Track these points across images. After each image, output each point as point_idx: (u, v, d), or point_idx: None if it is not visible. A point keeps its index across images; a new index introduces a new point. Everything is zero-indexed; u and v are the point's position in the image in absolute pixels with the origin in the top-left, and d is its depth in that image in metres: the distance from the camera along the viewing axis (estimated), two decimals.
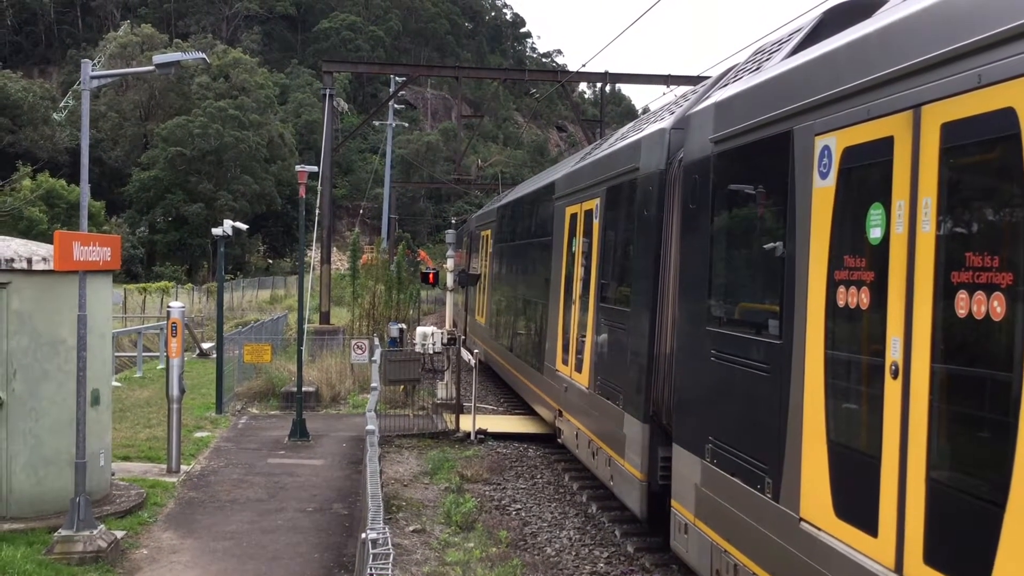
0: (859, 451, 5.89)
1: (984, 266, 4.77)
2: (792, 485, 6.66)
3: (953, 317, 4.95)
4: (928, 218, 5.22)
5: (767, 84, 7.69)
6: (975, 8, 4.98)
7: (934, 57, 5.24)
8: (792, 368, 6.75)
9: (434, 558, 11.14)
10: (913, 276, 5.31)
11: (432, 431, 18.61)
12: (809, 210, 6.59)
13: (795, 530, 6.57)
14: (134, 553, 10.99)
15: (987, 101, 4.78)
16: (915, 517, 5.20)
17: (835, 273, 6.21)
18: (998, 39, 4.69)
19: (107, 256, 11.70)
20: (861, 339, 5.97)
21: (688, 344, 9.16)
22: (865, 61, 6.04)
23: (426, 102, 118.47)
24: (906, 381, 5.33)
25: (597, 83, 40.12)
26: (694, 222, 9.15)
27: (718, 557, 8.03)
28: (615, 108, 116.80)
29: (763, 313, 7.57)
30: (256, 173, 76.16)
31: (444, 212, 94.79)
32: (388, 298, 30.84)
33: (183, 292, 47.34)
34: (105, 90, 75.42)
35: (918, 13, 5.55)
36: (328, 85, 31.85)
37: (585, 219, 14.16)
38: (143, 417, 19.51)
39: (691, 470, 8.76)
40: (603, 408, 12.34)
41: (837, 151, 6.27)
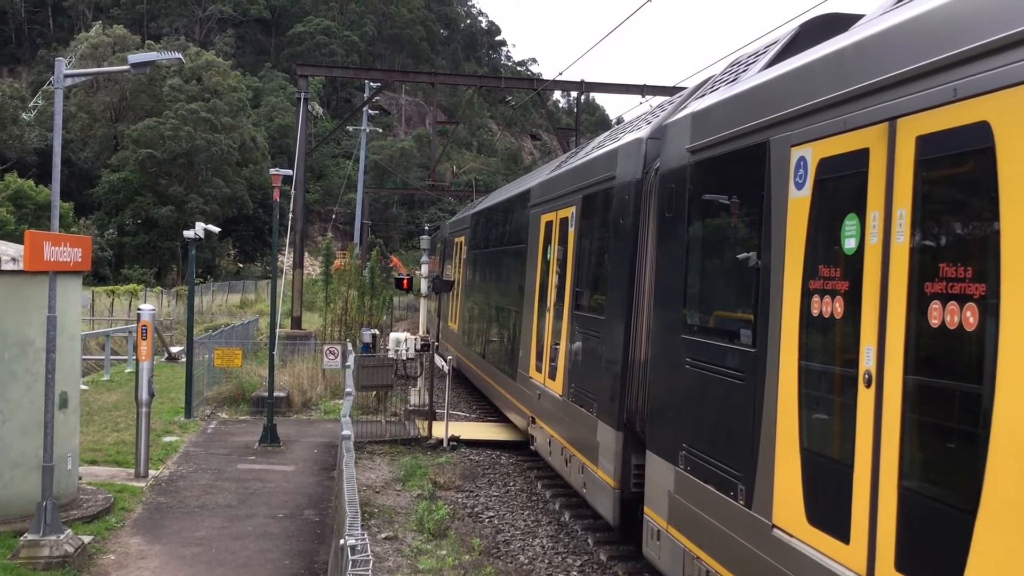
0: (832, 458, 5.91)
1: (958, 277, 4.81)
2: (765, 492, 6.69)
3: (926, 327, 5.00)
4: (902, 229, 5.26)
5: (744, 95, 7.74)
6: (950, 23, 5.03)
7: (910, 71, 5.30)
8: (766, 376, 6.79)
9: (406, 566, 11.06)
10: (887, 286, 5.35)
11: (404, 438, 18.52)
12: (785, 220, 6.64)
13: (767, 537, 6.60)
14: (101, 558, 10.82)
15: (962, 115, 4.83)
16: (887, 524, 5.23)
17: (810, 283, 6.26)
18: (973, 54, 4.74)
19: (78, 257, 11.54)
20: (835, 348, 6.00)
21: (663, 352, 9.18)
22: (841, 74, 6.10)
23: (400, 108, 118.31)
24: (879, 390, 5.38)
25: (572, 92, 40.25)
26: (670, 231, 9.21)
27: (691, 564, 8.05)
28: (589, 117, 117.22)
29: (738, 322, 7.61)
30: (227, 176, 75.63)
31: (417, 218, 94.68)
32: (361, 304, 30.69)
33: (152, 295, 46.85)
34: (75, 91, 74.66)
35: (894, 27, 5.60)
36: (302, 89, 31.69)
37: (560, 227, 14.19)
38: (111, 421, 19.26)
39: (664, 477, 8.79)
40: (577, 415, 12.32)
41: (813, 162, 6.33)
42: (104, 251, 64.80)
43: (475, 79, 46.86)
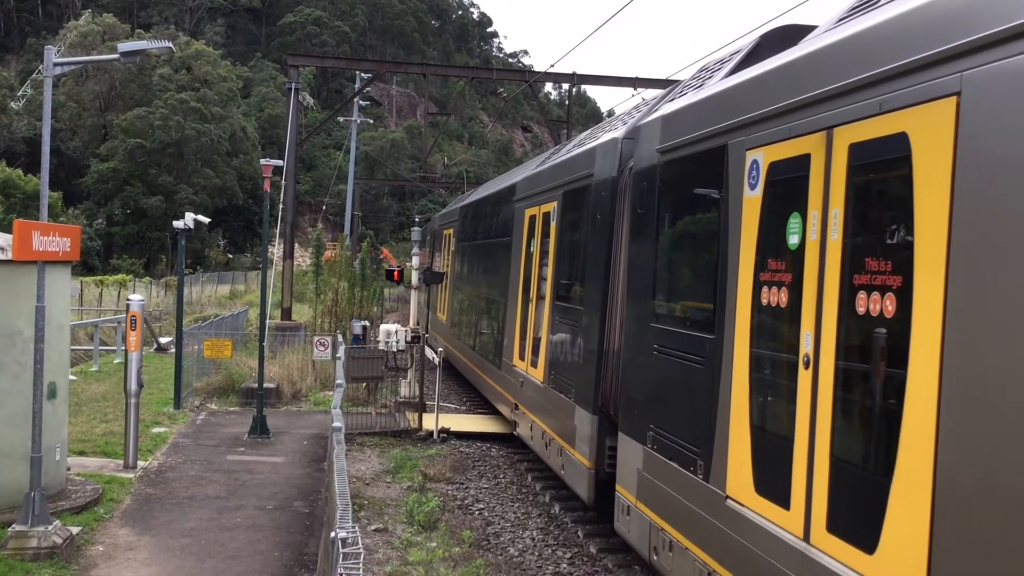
0: (776, 434, 6.55)
1: (880, 271, 5.40)
2: (720, 466, 7.34)
3: (854, 315, 5.62)
4: (836, 227, 5.89)
5: (707, 101, 8.38)
6: (877, 43, 5.60)
7: (845, 85, 5.88)
8: (722, 360, 7.44)
9: (396, 558, 11.05)
10: (823, 278, 5.97)
11: (395, 429, 18.50)
12: (740, 217, 7.28)
13: (722, 507, 7.22)
14: (90, 550, 10.78)
15: (887, 126, 5.41)
16: (820, 491, 5.84)
17: (760, 275, 6.91)
18: (895, 72, 5.33)
19: (67, 247, 11.47)
20: (780, 334, 6.61)
21: (634, 340, 9.79)
22: (787, 85, 6.70)
23: (391, 99, 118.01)
24: (815, 371, 5.99)
25: (564, 84, 40.20)
26: (642, 226, 9.81)
27: (655, 535, 8.73)
28: (581, 110, 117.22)
29: (700, 311, 8.21)
30: (217, 167, 75.34)
31: (408, 210, 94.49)
32: (351, 295, 30.61)
33: (141, 286, 46.67)
34: (64, 80, 74.20)
35: (832, 44, 6.20)
36: (293, 79, 31.54)
37: (543, 221, 14.69)
38: (99, 411, 19.18)
39: (634, 456, 9.41)
40: (556, 401, 12.90)
41: (764, 165, 6.95)
42: (93, 241, 64.52)
43: (466, 70, 46.75)
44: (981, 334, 4.61)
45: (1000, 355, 4.49)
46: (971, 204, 4.72)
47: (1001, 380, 4.47)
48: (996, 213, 4.54)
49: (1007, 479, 4.33)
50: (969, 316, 4.67)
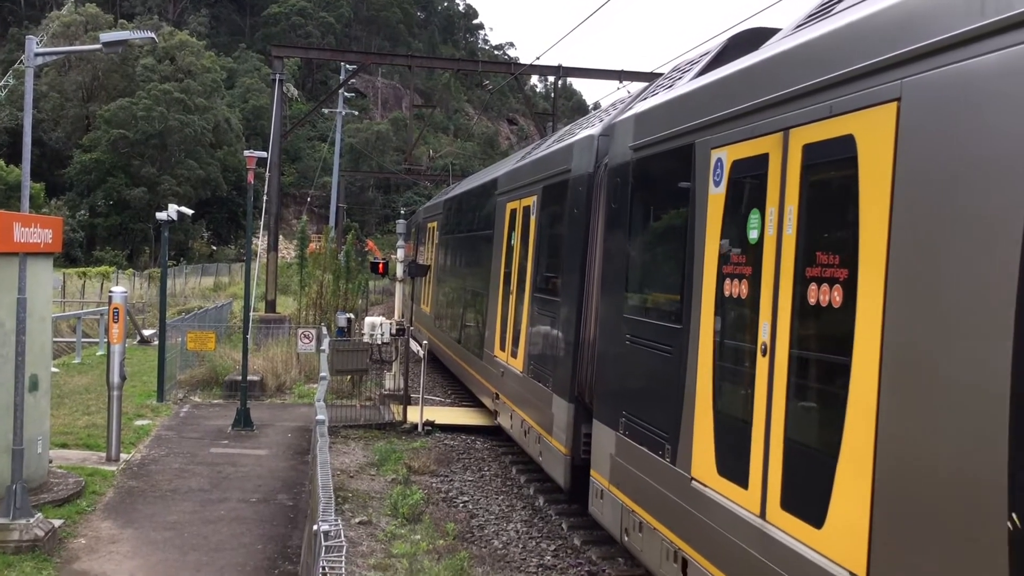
0: (736, 418, 6.95)
1: (828, 263, 5.81)
2: (686, 449, 7.76)
3: (806, 305, 6.01)
4: (791, 223, 6.28)
5: (676, 101, 8.80)
6: (828, 50, 6.00)
7: (799, 89, 6.26)
8: (688, 349, 7.85)
9: (380, 550, 11.05)
10: (779, 271, 6.36)
11: (379, 422, 18.48)
12: (705, 213, 7.68)
13: (687, 488, 7.67)
14: (72, 542, 10.74)
15: (836, 128, 5.80)
16: (775, 471, 6.26)
17: (723, 268, 7.33)
18: (844, 78, 5.70)
19: (48, 238, 11.40)
20: (740, 324, 7.04)
21: (608, 330, 10.22)
22: (749, 87, 7.09)
23: (376, 91, 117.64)
24: (772, 359, 6.37)
25: (550, 77, 40.16)
26: (615, 220, 10.24)
27: (627, 517, 9.15)
28: (566, 102, 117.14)
29: (668, 302, 8.64)
30: (201, 158, 74.96)
31: (393, 202, 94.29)
32: (336, 287, 30.53)
33: (124, 277, 46.44)
34: (47, 70, 73.67)
35: (788, 50, 6.61)
36: (277, 71, 31.42)
37: (523, 215, 15.05)
38: (82, 404, 19.09)
39: (607, 442, 9.82)
40: (535, 390, 13.29)
41: (727, 163, 7.35)
42: (75, 232, 64.13)
43: (452, 62, 46.65)
44: (915, 323, 4.95)
45: (930, 343, 4.83)
46: (908, 202, 5.07)
47: (931, 368, 4.81)
48: (929, 211, 4.91)
49: (933, 456, 4.71)
50: (905, 306, 5.02)
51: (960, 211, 4.68)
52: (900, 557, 4.86)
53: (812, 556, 5.67)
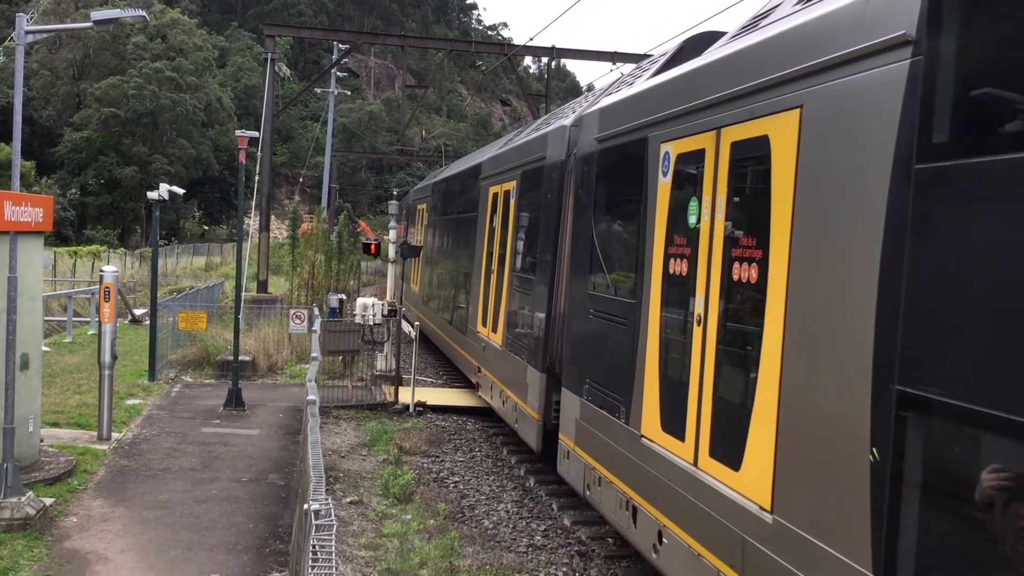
0: (677, 380, 7.93)
1: (748, 245, 6.73)
2: (637, 410, 8.73)
3: (731, 281, 6.96)
4: (720, 210, 7.23)
5: (633, 98, 9.76)
6: (750, 60, 6.94)
7: (729, 93, 7.16)
8: (640, 321, 8.83)
9: (371, 529, 11.11)
10: (711, 252, 7.33)
11: (370, 403, 18.52)
12: (655, 200, 8.63)
13: (637, 444, 8.66)
14: (63, 521, 10.77)
15: (755, 129, 6.71)
16: (705, 425, 7.25)
17: (669, 249, 8.28)
18: (762, 86, 6.61)
19: (39, 217, 11.37)
20: (681, 298, 8.01)
21: (575, 305, 11.20)
22: (691, 89, 8.05)
23: (369, 71, 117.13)
24: (704, 328, 7.37)
25: (543, 58, 40.03)
26: (582, 205, 11.26)
27: (588, 474, 10.22)
28: (560, 84, 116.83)
29: (625, 279, 9.57)
30: (193, 137, 74.59)
31: (385, 183, 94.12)
32: (328, 268, 30.53)
33: (115, 256, 46.31)
34: (38, 47, 73.08)
35: (720, 59, 7.63)
36: (269, 50, 31.25)
37: (504, 198, 16.00)
38: (73, 383, 19.08)
39: (573, 407, 10.84)
40: (511, 362, 14.33)
41: (673, 156, 8.31)
42: (66, 211, 63.82)
43: (445, 43, 46.45)
44: (808, 296, 5.90)
45: (818, 313, 5.79)
46: (806, 194, 6.02)
47: (818, 333, 5.79)
48: (820, 201, 5.85)
49: (818, 407, 5.72)
50: (801, 282, 5.98)
51: (841, 202, 5.62)
52: (795, 490, 5.91)
53: (731, 495, 6.69)
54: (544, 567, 10.36)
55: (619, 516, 9.21)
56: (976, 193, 4.66)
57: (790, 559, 5.85)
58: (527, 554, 10.74)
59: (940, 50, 4.93)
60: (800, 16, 6.52)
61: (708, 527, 7.06)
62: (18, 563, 9.38)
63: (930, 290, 4.80)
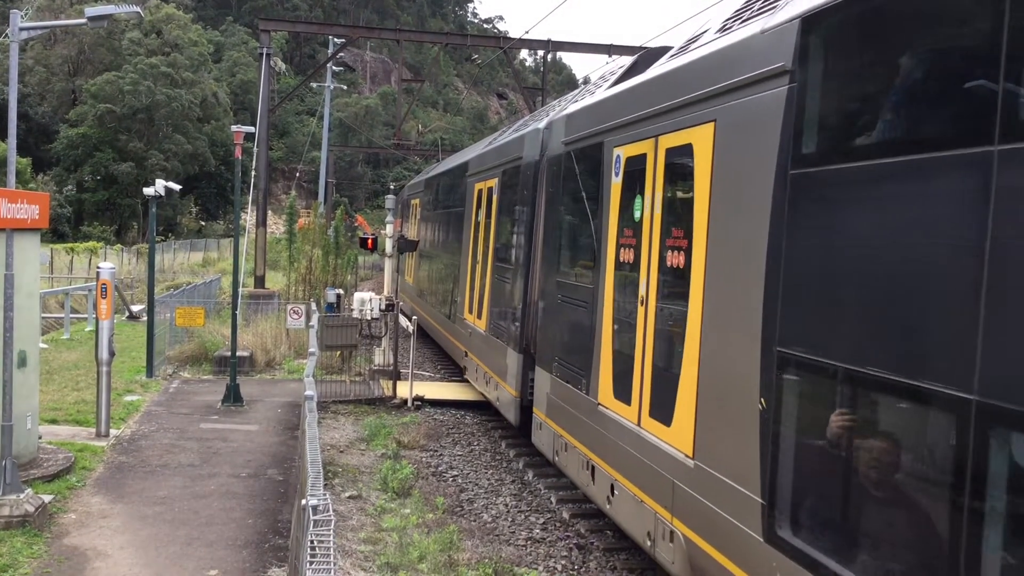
0: (626, 354, 9.14)
1: (677, 236, 8.02)
2: (595, 381, 9.99)
3: (665, 267, 8.25)
4: (657, 206, 8.58)
5: (593, 107, 11.15)
6: (679, 79, 8.28)
7: (664, 106, 8.45)
8: (598, 303, 10.07)
9: (370, 524, 11.12)
10: (651, 242, 8.60)
11: (369, 397, 18.53)
12: (609, 197, 9.88)
13: (595, 411, 9.93)
14: (62, 517, 10.78)
15: (683, 138, 8.00)
16: (646, 391, 8.58)
17: (620, 240, 9.52)
18: (687, 102, 7.91)
19: (35, 214, 11.36)
20: (628, 282, 9.22)
21: (547, 291, 12.45)
22: (636, 102, 9.35)
23: (365, 65, 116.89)
24: (646, 308, 8.68)
25: (539, 51, 39.97)
26: (552, 201, 12.61)
27: (557, 441, 11.52)
28: (556, 76, 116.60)
29: (586, 267, 10.77)
30: (189, 133, 74.44)
31: (382, 177, 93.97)
32: (325, 263, 30.49)
33: (112, 253, 46.25)
34: (32, 44, 72.92)
35: (657, 76, 9.01)
36: (265, 44, 31.19)
37: (488, 194, 17.19)
38: (71, 380, 19.08)
39: (545, 383, 12.11)
40: (493, 345, 15.59)
41: (623, 159, 9.57)
42: (63, 208, 63.75)
43: (441, 36, 46.36)
44: (717, 278, 7.15)
45: (724, 293, 7.01)
46: (718, 194, 7.21)
47: (724, 310, 7.01)
48: (726, 200, 7.09)
49: (723, 369, 6.96)
50: (713, 267, 7.22)
51: (741, 201, 6.81)
52: (709, 438, 7.17)
53: (665, 447, 8.02)
54: (543, 560, 10.38)
55: (581, 476, 10.53)
56: (831, 195, 5.80)
57: (706, 495, 7.14)
58: (526, 547, 10.76)
59: (808, 79, 6.11)
60: (716, 44, 7.81)
61: (648, 476, 8.41)
62: (17, 560, 9.39)
63: (799, 270, 6.03)
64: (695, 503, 7.36)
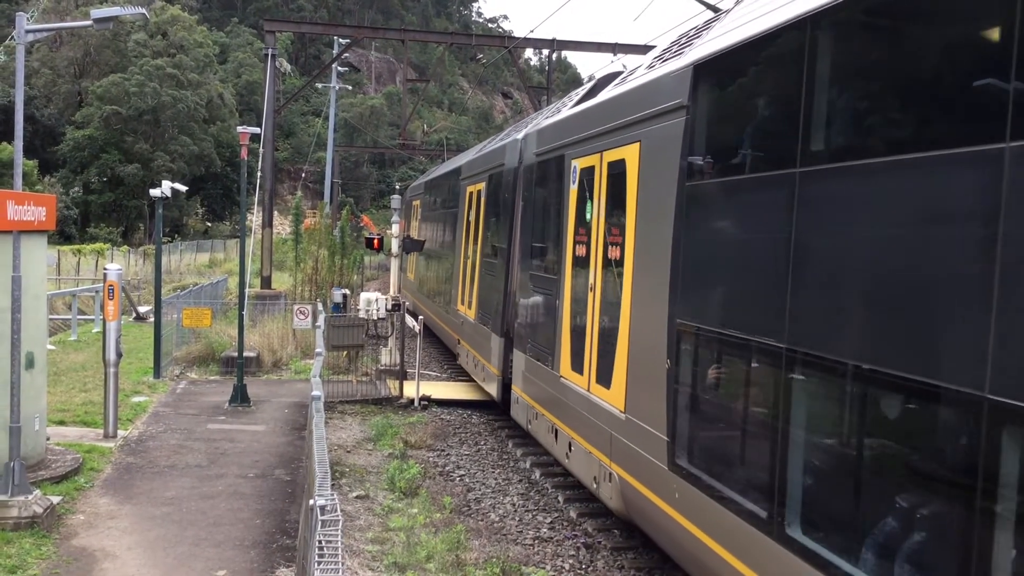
0: (580, 333, 11.08)
1: (616, 234, 9.92)
2: (558, 358, 12.00)
3: (608, 260, 10.16)
4: (602, 209, 10.52)
5: (557, 124, 13.23)
6: (617, 105, 10.25)
7: (606, 128, 10.43)
8: (560, 291, 12.05)
9: (377, 524, 11.12)
10: (597, 239, 10.58)
11: (375, 397, 18.54)
12: (568, 201, 11.83)
13: (558, 383, 11.93)
14: (70, 519, 10.80)
15: (619, 154, 9.93)
16: (594, 363, 10.51)
17: (576, 237, 11.47)
18: (622, 124, 9.85)
19: (42, 216, 11.38)
20: (582, 273, 11.16)
21: (522, 283, 14.42)
22: (587, 122, 11.39)
23: (370, 65, 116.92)
24: (594, 294, 10.63)
25: (544, 50, 39.94)
26: (527, 203, 14.57)
27: (529, 412, 13.57)
28: (561, 76, 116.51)
29: (551, 261, 12.69)
30: (194, 134, 74.51)
31: (388, 177, 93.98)
32: (331, 263, 30.52)
33: (119, 254, 46.31)
34: (38, 46, 73.07)
35: (602, 102, 11.08)
36: (270, 45, 31.23)
37: (477, 196, 19.13)
38: (78, 381, 19.12)
39: (520, 363, 14.09)
40: (480, 331, 17.52)
41: (578, 169, 11.53)
42: (70, 209, 63.85)
43: (445, 36, 46.36)
44: (641, 270, 9.10)
45: (644, 281, 8.98)
46: (641, 201, 9.20)
47: (645, 296, 8.89)
48: (646, 206, 9.05)
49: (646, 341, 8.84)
50: (638, 260, 9.17)
51: (656, 205, 8.72)
52: (635, 395, 9.16)
53: (606, 405, 9.96)
54: (551, 559, 10.37)
55: (547, 439, 12.57)
56: (705, 203, 7.90)
57: (633, 440, 9.13)
58: (533, 546, 10.75)
59: (697, 113, 8.02)
60: (643, 78, 9.75)
61: (594, 432, 10.34)
62: (26, 561, 9.41)
63: (688, 259, 8.02)
64: (626, 448, 9.33)
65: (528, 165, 14.43)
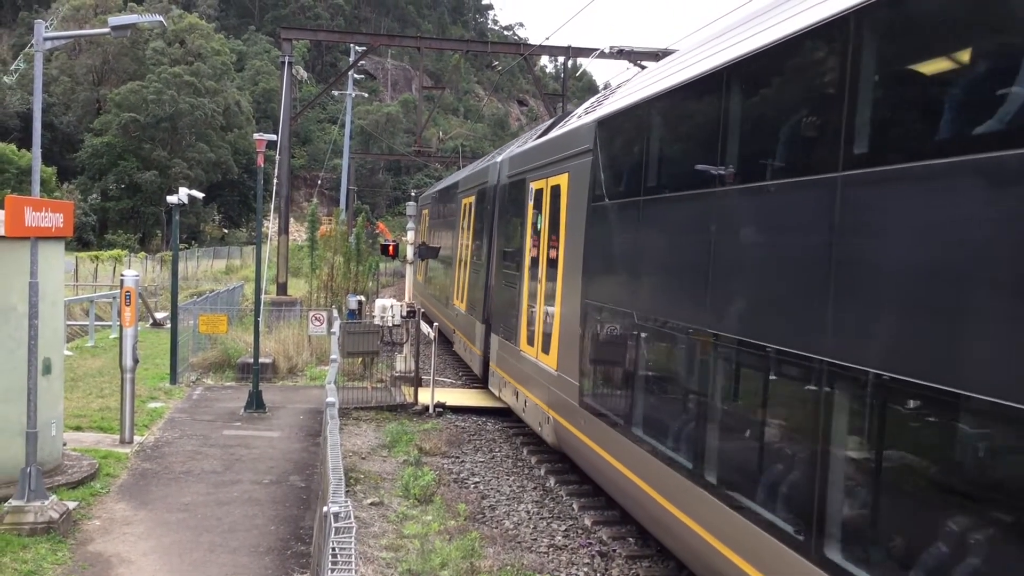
0: (532, 315, 14.40)
1: (553, 238, 13.41)
2: (519, 336, 15.39)
3: (550, 260, 13.56)
4: (546, 221, 13.98)
5: (522, 152, 16.94)
6: (556, 145, 13.86)
7: (549, 160, 14.06)
8: (520, 285, 15.53)
9: (392, 531, 11.10)
10: (543, 243, 13.98)
11: (390, 404, 18.54)
12: (527, 215, 15.28)
13: (518, 355, 15.31)
14: (86, 524, 10.83)
15: (557, 181, 13.41)
16: (540, 337, 13.88)
17: (531, 242, 14.92)
18: (560, 159, 13.44)
19: (59, 223, 11.43)
20: (534, 269, 14.60)
21: (498, 278, 18.10)
22: (539, 154, 15.05)
23: (386, 73, 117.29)
24: (541, 285, 14.03)
25: (560, 57, 39.94)
26: (501, 215, 18.43)
27: (502, 381, 16.92)
28: (577, 83, 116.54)
29: (515, 261, 16.26)
30: (212, 141, 74.96)
31: (403, 184, 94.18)
32: (346, 270, 30.57)
33: (136, 261, 46.55)
34: (57, 54, 73.72)
35: (549, 139, 14.72)
36: (287, 53, 31.35)
37: (469, 207, 22.78)
38: (95, 387, 19.20)
39: (495, 343, 17.65)
40: (469, 320, 21.10)
41: (533, 190, 14.93)
42: (88, 216, 64.31)
43: (461, 44, 46.44)
44: (567, 266, 12.43)
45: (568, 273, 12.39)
46: (567, 217, 12.57)
47: (570, 286, 12.30)
48: (568, 220, 12.56)
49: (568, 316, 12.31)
50: (566, 257, 12.46)
51: (576, 218, 12.09)
52: (563, 356, 12.44)
53: (545, 367, 13.36)
54: (565, 567, 10.32)
55: (512, 400, 15.98)
56: (600, 217, 11.30)
57: (561, 389, 12.48)
58: (548, 554, 10.71)
59: (596, 156, 11.59)
60: (575, 123, 13.34)
61: (539, 389, 13.80)
62: (42, 567, 9.44)
63: (591, 256, 11.47)
64: (557, 396, 12.73)
65: (503, 184, 18.30)
